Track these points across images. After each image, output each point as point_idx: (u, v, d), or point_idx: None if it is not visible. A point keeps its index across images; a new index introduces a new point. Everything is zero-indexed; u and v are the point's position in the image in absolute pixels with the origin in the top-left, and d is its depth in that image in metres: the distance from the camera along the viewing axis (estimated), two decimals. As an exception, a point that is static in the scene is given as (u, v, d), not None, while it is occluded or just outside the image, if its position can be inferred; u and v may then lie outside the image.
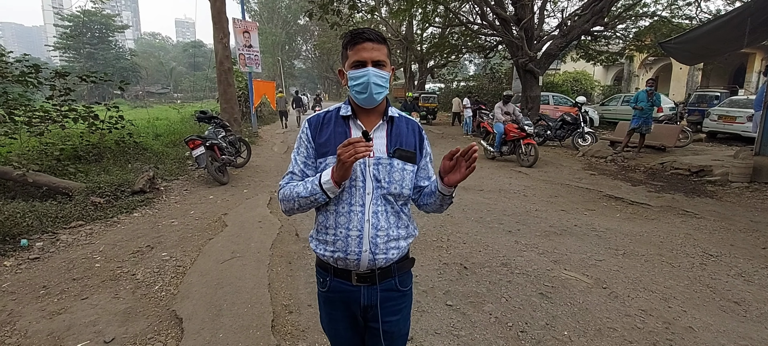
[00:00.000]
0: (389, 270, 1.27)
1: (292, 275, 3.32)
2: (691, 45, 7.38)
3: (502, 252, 3.74)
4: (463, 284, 3.12)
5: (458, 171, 1.17)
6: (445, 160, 1.18)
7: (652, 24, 14.24)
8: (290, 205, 1.24)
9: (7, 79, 5.99)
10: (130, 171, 6.33)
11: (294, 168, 1.29)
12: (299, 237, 4.17)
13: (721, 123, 11.22)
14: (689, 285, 3.13)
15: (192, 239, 4.14)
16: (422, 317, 2.66)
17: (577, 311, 2.74)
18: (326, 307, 1.36)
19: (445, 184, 1.21)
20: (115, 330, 2.53)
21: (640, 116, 8.40)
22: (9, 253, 3.64)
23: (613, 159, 8.59)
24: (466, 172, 1.16)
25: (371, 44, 1.17)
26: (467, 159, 1.14)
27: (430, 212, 1.36)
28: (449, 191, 1.24)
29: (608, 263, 3.53)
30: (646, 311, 2.74)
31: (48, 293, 2.99)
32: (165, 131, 9.94)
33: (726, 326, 2.57)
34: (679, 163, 7.40)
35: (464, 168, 1.16)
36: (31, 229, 4.08)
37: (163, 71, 62.51)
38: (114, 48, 49.69)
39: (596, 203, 5.50)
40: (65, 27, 46.27)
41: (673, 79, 22.31)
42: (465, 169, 1.16)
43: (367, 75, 1.16)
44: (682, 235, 4.24)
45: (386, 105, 1.28)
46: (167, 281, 3.22)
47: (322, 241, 1.27)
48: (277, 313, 2.73)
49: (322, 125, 1.27)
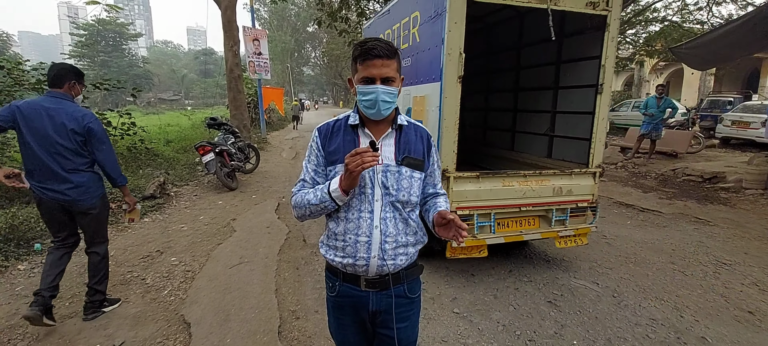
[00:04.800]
0: (398, 276, 1.29)
1: (299, 280, 3.33)
2: (702, 50, 7.29)
3: (510, 260, 3.71)
4: (470, 292, 3.10)
5: (448, 231, 1.20)
6: (438, 217, 1.22)
7: (662, 29, 14.11)
8: (302, 211, 1.27)
9: (23, 87, 6.15)
10: (141, 176, 6.43)
11: (305, 176, 1.32)
12: (306, 243, 4.18)
13: (735, 129, 11.02)
14: (702, 294, 3.07)
15: (201, 244, 4.19)
16: (429, 324, 2.65)
17: (587, 320, 2.70)
18: (335, 312, 1.37)
19: (436, 233, 1.26)
20: (125, 334, 2.56)
21: (650, 122, 8.31)
22: (23, 257, 3.72)
23: (624, 165, 8.49)
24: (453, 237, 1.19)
25: (381, 61, 1.17)
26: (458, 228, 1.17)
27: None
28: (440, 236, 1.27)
29: (619, 271, 3.48)
30: (658, 321, 2.69)
31: (60, 297, 3.03)
32: (176, 137, 10.10)
33: (740, 337, 2.51)
34: (692, 170, 7.28)
35: (452, 235, 1.19)
36: (44, 233, 4.16)
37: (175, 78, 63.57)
38: (127, 56, 50.78)
39: (606, 210, 5.43)
40: (80, 36, 47.43)
41: (684, 84, 22.02)
42: (453, 234, 1.19)
43: (375, 92, 1.18)
44: (695, 243, 4.17)
45: (395, 113, 1.29)
46: (176, 285, 3.26)
47: (331, 247, 1.29)
48: (284, 319, 2.74)
49: (332, 134, 1.29)
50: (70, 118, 2.45)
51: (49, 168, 2.43)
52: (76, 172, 2.52)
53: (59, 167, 2.45)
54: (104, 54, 47.78)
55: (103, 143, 2.58)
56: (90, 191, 2.58)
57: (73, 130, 2.45)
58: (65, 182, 2.48)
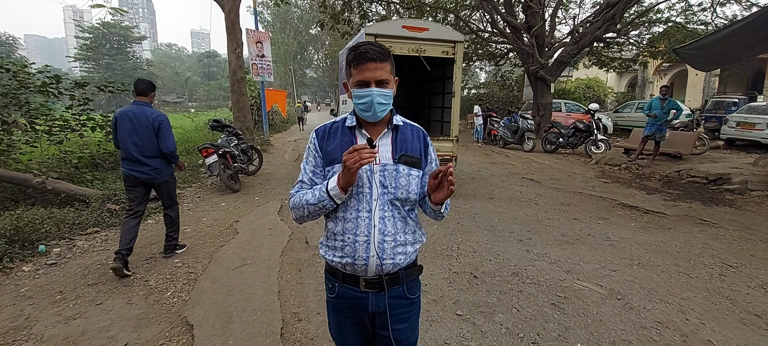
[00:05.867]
0: (397, 277, 1.28)
1: (301, 282, 3.33)
2: (706, 51, 7.23)
3: (513, 261, 3.69)
4: (473, 294, 3.08)
5: (442, 190, 1.21)
6: (430, 179, 1.22)
7: (666, 30, 14.05)
8: (300, 212, 1.28)
9: (29, 90, 6.20)
10: (144, 179, 6.46)
11: (303, 177, 1.33)
12: (309, 245, 4.18)
13: (740, 130, 10.95)
14: (708, 297, 3.05)
15: (204, 246, 4.19)
16: (432, 326, 2.64)
17: (591, 322, 2.68)
18: (335, 313, 1.37)
19: (432, 202, 1.25)
20: (128, 336, 2.56)
21: (654, 123, 8.26)
22: (28, 258, 3.74)
23: (628, 167, 8.44)
24: (447, 191, 1.19)
25: (374, 64, 1.19)
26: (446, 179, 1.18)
27: (432, 218, 1.39)
28: (437, 208, 1.28)
29: (623, 273, 3.45)
30: (663, 323, 2.67)
31: (64, 298, 3.05)
32: (179, 139, 10.12)
33: (747, 340, 2.49)
34: (696, 171, 7.23)
35: (445, 187, 1.19)
36: (49, 235, 4.19)
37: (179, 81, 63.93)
38: (132, 58, 51.13)
39: (610, 212, 5.40)
40: (86, 39, 47.83)
41: (688, 85, 21.91)
42: (446, 189, 1.19)
43: (370, 95, 1.20)
44: (700, 245, 4.13)
45: (391, 114, 1.31)
46: (179, 287, 3.26)
47: (331, 247, 1.30)
48: (287, 320, 2.74)
49: (329, 135, 1.31)
50: (149, 118, 3.50)
51: (134, 156, 3.49)
52: (153, 158, 3.57)
53: (140, 155, 3.50)
54: (109, 57, 48.15)
55: (166, 134, 3.60)
56: (162, 171, 3.68)
57: (150, 126, 3.49)
58: (145, 165, 3.54)
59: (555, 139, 11.18)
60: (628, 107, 16.37)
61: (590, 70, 21.29)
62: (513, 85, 23.65)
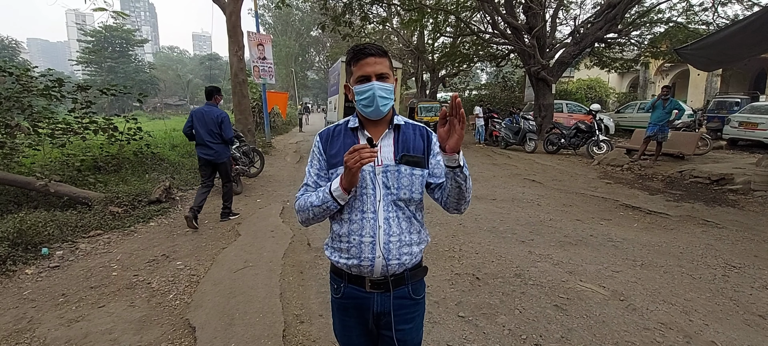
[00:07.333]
0: (402, 277, 1.29)
1: (303, 284, 3.33)
2: (708, 50, 7.22)
3: (516, 263, 3.68)
4: (475, 295, 3.08)
5: (453, 133, 1.09)
6: (440, 129, 1.12)
7: (667, 30, 14.02)
8: (306, 215, 1.28)
9: (32, 93, 6.23)
10: (147, 181, 6.48)
11: (308, 180, 1.34)
12: (311, 247, 4.19)
13: (742, 130, 10.90)
14: (711, 298, 3.03)
15: (206, 248, 4.20)
16: (434, 328, 2.64)
17: (594, 323, 2.67)
18: (339, 314, 1.38)
19: (447, 153, 1.13)
20: (130, 338, 2.57)
21: (656, 124, 8.24)
22: (30, 261, 3.75)
23: (630, 167, 8.42)
24: (460, 128, 1.08)
25: (373, 59, 1.21)
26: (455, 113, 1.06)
27: (454, 204, 1.26)
28: (454, 160, 1.13)
29: (626, 274, 3.44)
30: (666, 325, 2.65)
31: (66, 301, 3.06)
32: (181, 142, 10.15)
33: (751, 341, 2.47)
34: (699, 172, 7.20)
35: (457, 124, 1.08)
36: (51, 237, 4.20)
37: (181, 83, 64.05)
38: (134, 61, 51.24)
39: (612, 213, 5.39)
40: (88, 42, 48.02)
41: (690, 85, 21.86)
42: (458, 126, 1.08)
43: (372, 89, 1.20)
44: (703, 245, 4.12)
45: (392, 114, 1.31)
46: (181, 289, 3.27)
47: (336, 249, 1.30)
48: (289, 323, 2.74)
49: (332, 138, 1.32)
50: (215, 115, 4.83)
51: (205, 142, 4.81)
52: (216, 144, 4.86)
53: (209, 141, 4.81)
54: (111, 60, 48.27)
55: (227, 126, 4.89)
56: (222, 154, 4.96)
57: (215, 120, 4.81)
58: (211, 149, 4.84)
59: (557, 140, 11.17)
60: (630, 108, 16.34)
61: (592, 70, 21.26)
62: (514, 86, 23.66)
